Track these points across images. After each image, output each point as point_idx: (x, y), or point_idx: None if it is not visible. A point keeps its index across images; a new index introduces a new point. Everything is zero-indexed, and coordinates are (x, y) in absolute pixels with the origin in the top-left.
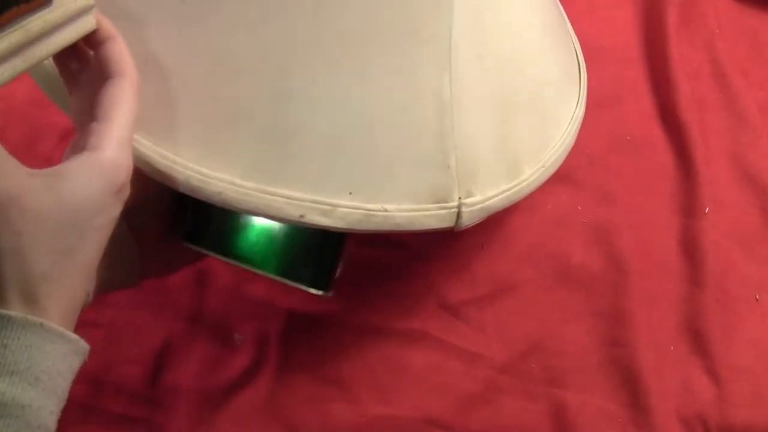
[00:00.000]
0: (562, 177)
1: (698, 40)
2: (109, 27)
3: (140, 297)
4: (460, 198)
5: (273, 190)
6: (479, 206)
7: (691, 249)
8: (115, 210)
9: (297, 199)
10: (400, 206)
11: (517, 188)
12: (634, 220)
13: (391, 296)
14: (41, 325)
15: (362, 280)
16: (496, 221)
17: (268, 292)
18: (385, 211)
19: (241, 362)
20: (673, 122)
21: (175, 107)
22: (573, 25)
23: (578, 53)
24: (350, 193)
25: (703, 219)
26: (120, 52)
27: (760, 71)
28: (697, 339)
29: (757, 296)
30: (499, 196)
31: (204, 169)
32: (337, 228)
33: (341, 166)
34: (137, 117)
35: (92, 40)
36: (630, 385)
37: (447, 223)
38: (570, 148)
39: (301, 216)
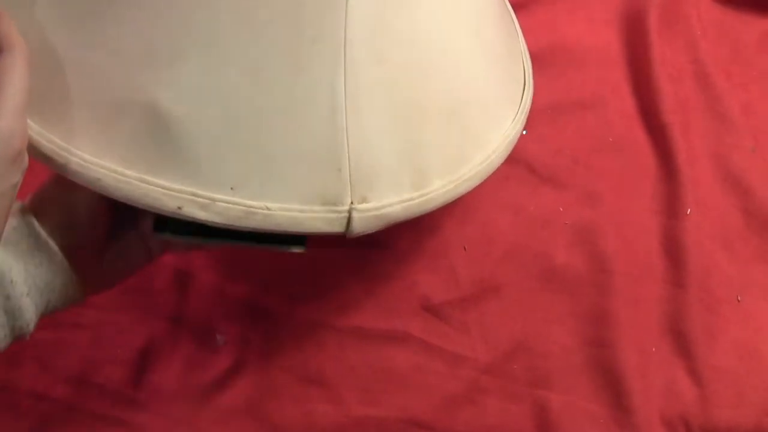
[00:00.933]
0: (545, 178)
1: (681, 41)
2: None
3: (122, 298)
4: (352, 203)
5: (152, 180)
6: (374, 213)
7: (673, 250)
8: (13, 178)
9: (175, 190)
10: (284, 206)
11: (422, 199)
12: (617, 221)
13: (373, 297)
14: None
15: (345, 280)
16: (478, 222)
17: (249, 293)
18: (267, 209)
19: (223, 363)
20: (655, 123)
21: (63, 93)
22: (554, 26)
23: (526, 68)
24: (232, 188)
25: (685, 220)
26: (5, 27)
27: (743, 72)
28: (680, 340)
29: (739, 297)
30: (400, 205)
31: (86, 155)
32: (216, 223)
33: (224, 160)
34: (29, 89)
35: None
36: (613, 386)
37: (337, 227)
38: (497, 164)
39: (179, 208)
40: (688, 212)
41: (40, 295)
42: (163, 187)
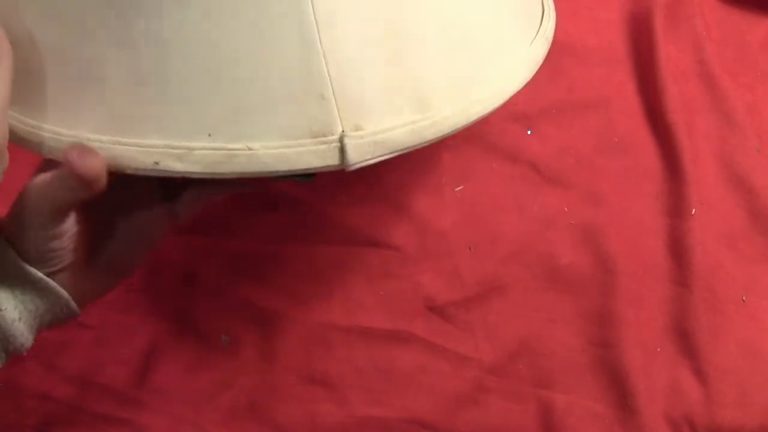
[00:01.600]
0: (549, 178)
1: (685, 41)
2: None
3: (128, 298)
4: (343, 131)
5: (126, 141)
6: (370, 139)
7: (678, 250)
8: None
9: (150, 146)
10: (268, 143)
11: (427, 121)
12: (621, 220)
13: (377, 297)
14: None
15: (349, 280)
16: (482, 222)
17: (254, 293)
18: (249, 149)
19: (227, 363)
20: (660, 123)
21: (31, 71)
22: (559, 26)
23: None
24: (209, 135)
25: (690, 220)
26: None
27: (747, 72)
28: (685, 340)
29: (744, 297)
30: (403, 129)
31: (59, 128)
32: (197, 173)
33: (197, 107)
34: (10, 89)
35: None
36: (617, 386)
37: (330, 159)
38: (514, 88)
39: (156, 163)
40: (692, 212)
41: (33, 318)
42: (138, 145)
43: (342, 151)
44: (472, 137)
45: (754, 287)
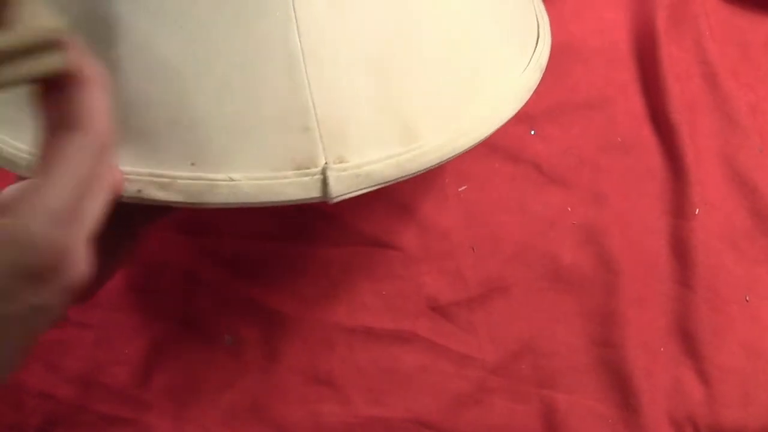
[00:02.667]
0: (552, 178)
1: (688, 41)
2: (85, 67)
3: (129, 298)
4: (326, 163)
5: None
6: (353, 171)
7: (681, 250)
8: (32, 299)
9: (133, 173)
10: (251, 174)
11: (412, 153)
12: (624, 221)
13: (381, 297)
14: None
15: (352, 280)
16: (485, 222)
17: (257, 293)
18: (231, 180)
19: (230, 363)
20: (663, 123)
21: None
22: (562, 26)
23: (540, 20)
24: (192, 164)
25: (693, 220)
26: (90, 101)
27: (750, 73)
28: (687, 340)
29: (747, 297)
30: (387, 161)
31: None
32: (179, 203)
33: (180, 135)
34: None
35: (59, 81)
36: (620, 386)
37: (313, 192)
38: (504, 118)
39: (139, 191)
40: (695, 212)
41: None
42: (122, 172)
43: (324, 183)
44: None
45: (757, 287)
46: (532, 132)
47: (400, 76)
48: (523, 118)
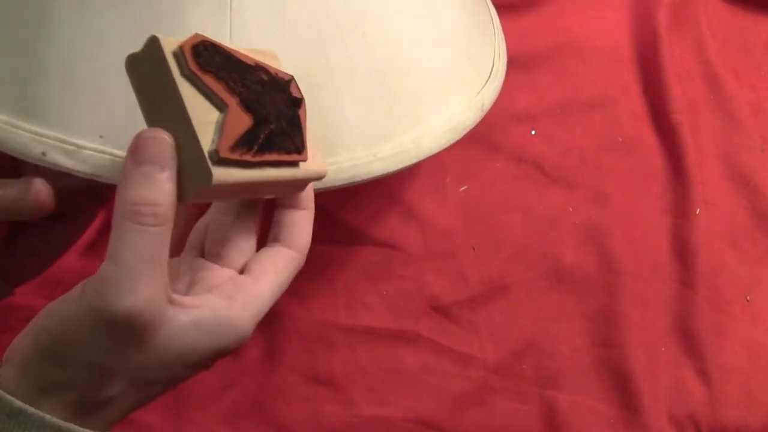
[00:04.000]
0: (554, 178)
1: (690, 41)
2: (310, 198)
3: None
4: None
5: (21, 125)
6: None
7: (682, 250)
8: (202, 370)
9: (41, 135)
10: None
11: (332, 167)
12: (625, 220)
13: (382, 297)
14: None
15: (353, 280)
16: (486, 222)
17: None
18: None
19: (231, 363)
20: (664, 123)
21: None
22: (564, 26)
23: (497, 56)
24: (101, 137)
25: (694, 220)
26: (304, 225)
27: (751, 73)
28: (689, 340)
29: (748, 297)
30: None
31: None
32: (82, 172)
33: (94, 107)
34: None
35: (289, 199)
36: (621, 386)
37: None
38: (430, 151)
39: (43, 153)
40: (697, 212)
41: None
42: (30, 132)
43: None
44: (476, 137)
45: (758, 287)
46: (534, 132)
47: (328, 88)
48: (524, 118)
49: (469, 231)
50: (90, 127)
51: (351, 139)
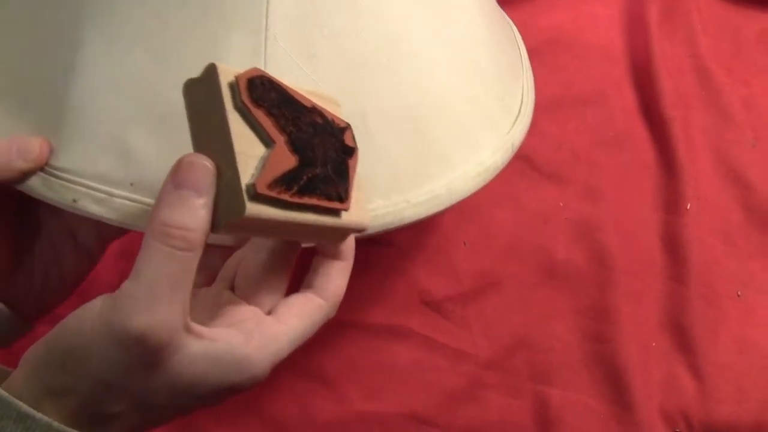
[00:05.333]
0: (546, 173)
1: (681, 36)
2: (351, 250)
3: None
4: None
5: (52, 171)
6: None
7: (674, 245)
8: (212, 404)
9: (73, 182)
10: None
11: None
12: (617, 216)
13: (374, 292)
14: None
15: None
16: (478, 217)
17: None
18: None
19: None
20: (656, 119)
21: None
22: (556, 22)
23: (525, 97)
24: (131, 185)
25: (686, 215)
26: (339, 276)
27: (743, 68)
28: (681, 335)
29: (739, 292)
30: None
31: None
32: (111, 220)
33: (125, 155)
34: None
35: (329, 248)
36: (613, 382)
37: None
38: (461, 195)
39: (74, 200)
40: (688, 207)
41: None
42: (63, 178)
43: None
44: None
45: (750, 282)
46: None
47: (362, 133)
48: None
49: (461, 226)
50: (121, 174)
51: (386, 186)
